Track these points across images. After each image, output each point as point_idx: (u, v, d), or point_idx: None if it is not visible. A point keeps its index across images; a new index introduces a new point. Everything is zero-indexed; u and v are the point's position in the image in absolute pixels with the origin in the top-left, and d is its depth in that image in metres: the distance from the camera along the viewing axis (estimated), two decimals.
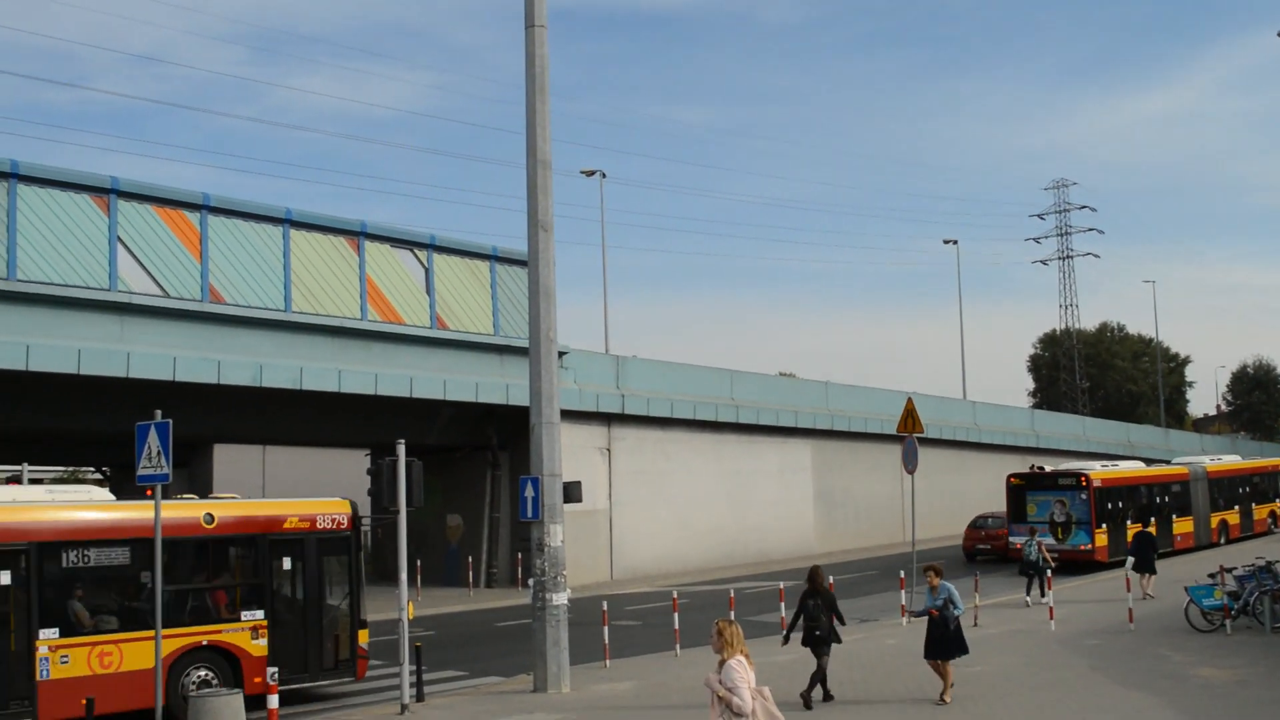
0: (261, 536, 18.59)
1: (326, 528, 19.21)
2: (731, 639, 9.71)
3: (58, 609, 16.28)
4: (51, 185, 26.50)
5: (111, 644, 16.56)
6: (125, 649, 16.60)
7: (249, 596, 18.37)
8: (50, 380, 27.38)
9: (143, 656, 16.38)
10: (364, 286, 31.86)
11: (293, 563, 18.90)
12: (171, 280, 28.02)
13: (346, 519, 19.54)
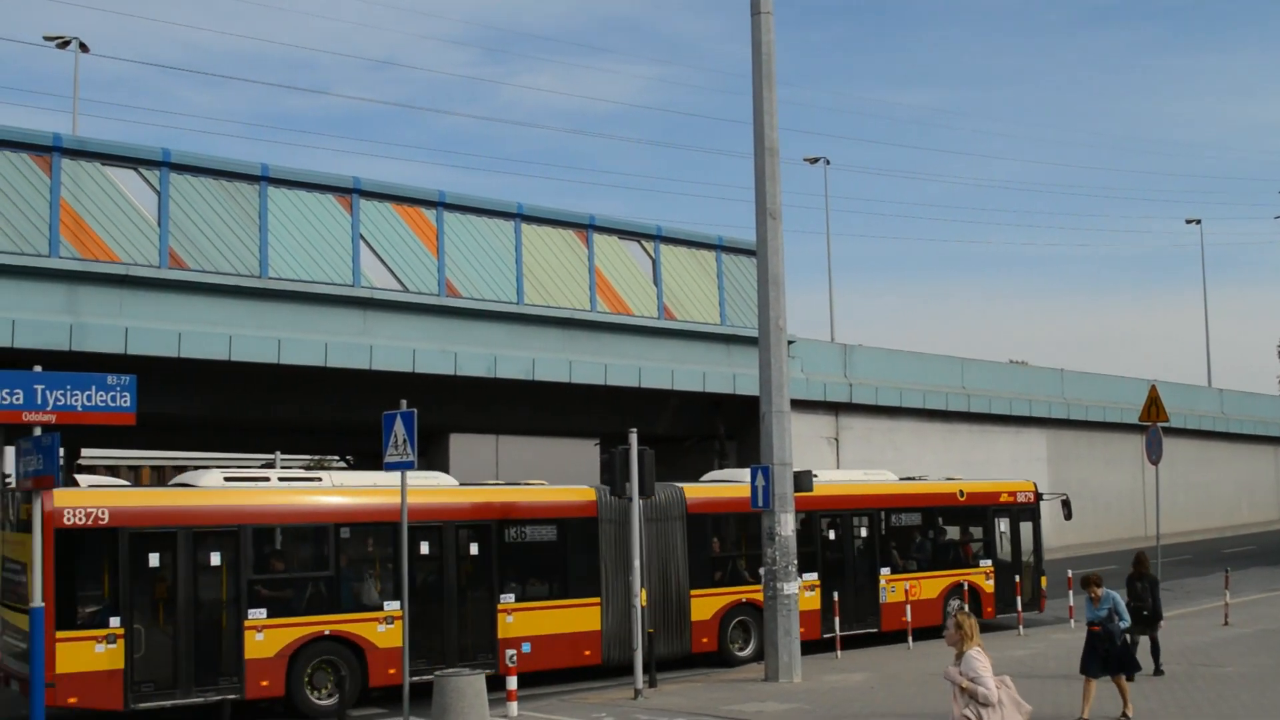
0: (990, 506, 25.04)
1: (1023, 501, 25.47)
2: (970, 631, 9.60)
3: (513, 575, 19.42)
4: (298, 187, 27.80)
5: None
6: None
7: (982, 550, 24.87)
8: (299, 373, 28.71)
9: None
10: (593, 278, 32.36)
11: (1008, 525, 25.17)
12: (410, 275, 29.02)
13: (1032, 494, 25.71)
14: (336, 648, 17.35)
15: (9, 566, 16.75)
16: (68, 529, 15.48)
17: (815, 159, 56.64)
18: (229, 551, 16.75)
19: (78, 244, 25.10)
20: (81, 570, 16.03)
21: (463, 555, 18.88)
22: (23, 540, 15.46)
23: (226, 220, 26.74)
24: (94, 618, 15.84)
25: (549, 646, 19.30)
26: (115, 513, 15.98)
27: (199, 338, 26.19)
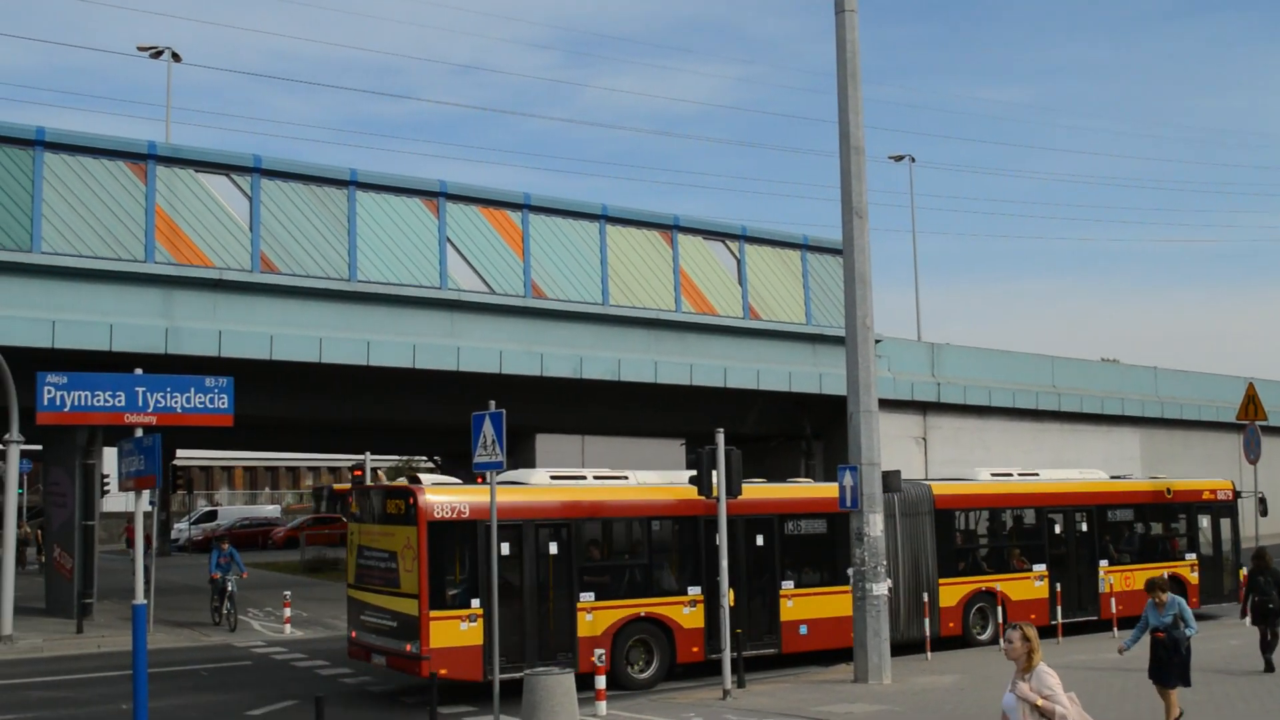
0: (1193, 504, 26.25)
1: (1223, 498, 26.77)
2: (1037, 644, 9.04)
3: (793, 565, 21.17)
4: (386, 191, 28.15)
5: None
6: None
7: (1186, 544, 26.08)
8: (388, 374, 29.06)
9: None
10: (678, 279, 32.36)
11: (1209, 520, 26.48)
12: (496, 277, 29.24)
13: (1230, 492, 26.96)
14: (650, 628, 19.43)
15: (367, 554, 18.82)
16: (437, 521, 17.53)
17: (900, 157, 56.22)
18: (563, 541, 18.76)
19: (172, 249, 25.61)
20: (448, 558, 17.92)
21: (750, 546, 20.65)
22: (388, 531, 18.05)
23: (316, 224, 27.15)
24: (458, 599, 17.74)
25: (821, 629, 21.17)
26: (474, 507, 17.83)
27: (290, 340, 26.61)
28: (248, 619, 28.77)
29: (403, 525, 17.68)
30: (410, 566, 17.43)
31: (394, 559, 17.87)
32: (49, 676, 21.27)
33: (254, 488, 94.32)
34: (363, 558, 19.04)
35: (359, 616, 19.01)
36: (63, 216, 24.65)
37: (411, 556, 17.38)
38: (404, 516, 17.70)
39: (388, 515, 18.30)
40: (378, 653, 18.22)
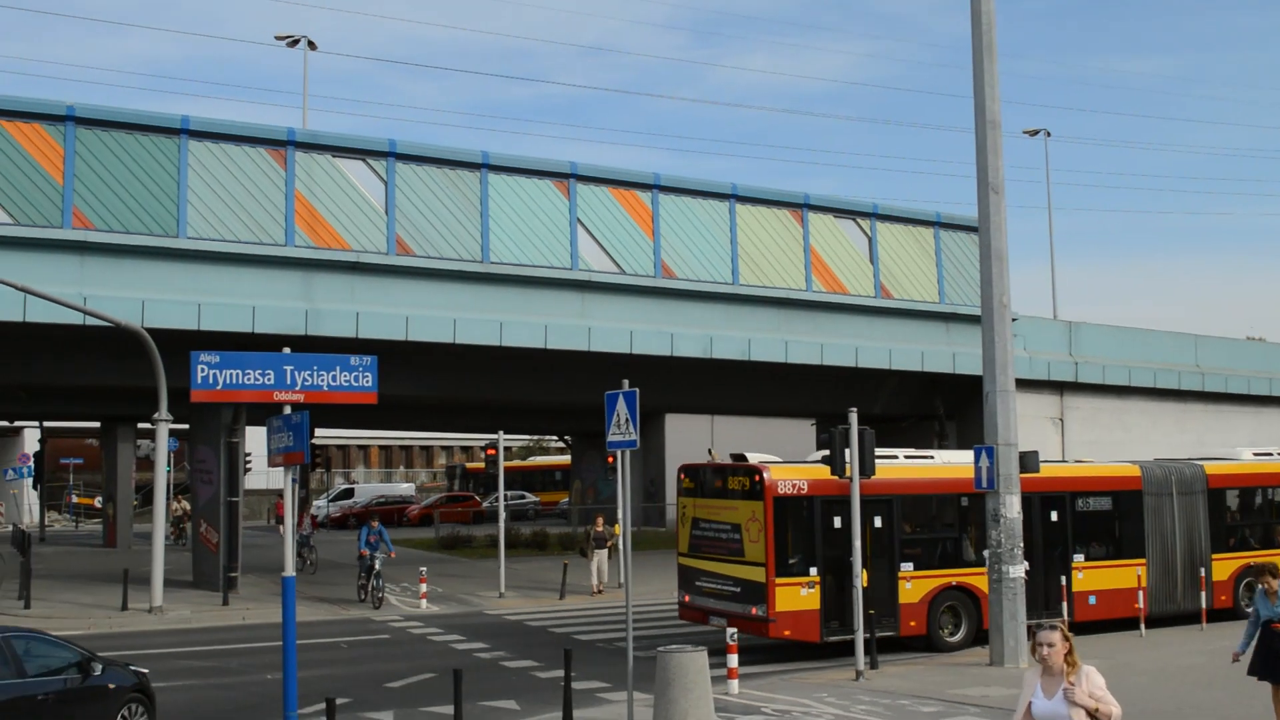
0: None
1: None
2: (1074, 643, 8.13)
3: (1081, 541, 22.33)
4: (518, 173, 28.43)
5: None
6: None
7: None
8: (520, 354, 29.40)
9: None
10: (808, 257, 32.14)
11: None
12: (627, 258, 29.36)
13: None
14: (960, 596, 20.93)
15: (704, 526, 20.76)
16: (781, 497, 19.41)
17: (1035, 131, 54.98)
18: (886, 516, 20.40)
19: (311, 233, 26.21)
20: (789, 529, 19.60)
21: (1045, 521, 21.92)
22: (731, 505, 19.93)
23: (450, 207, 27.54)
24: (798, 567, 19.52)
25: (1108, 599, 22.22)
26: (811, 484, 19.69)
27: (425, 321, 27.06)
28: (384, 594, 29.38)
29: (748, 500, 19.56)
30: (756, 537, 19.35)
31: (737, 530, 19.76)
32: (197, 647, 22.01)
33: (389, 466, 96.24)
34: (698, 529, 20.98)
35: (693, 583, 20.94)
36: (206, 202, 25.38)
37: (757, 528, 19.30)
38: (749, 492, 19.59)
39: (730, 491, 20.18)
40: (717, 615, 20.01)
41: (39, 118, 24.39)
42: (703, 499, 21.00)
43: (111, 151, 24.77)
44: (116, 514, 46.99)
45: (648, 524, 52.78)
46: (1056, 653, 7.97)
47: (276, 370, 11.96)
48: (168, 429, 26.57)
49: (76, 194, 24.35)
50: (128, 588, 26.59)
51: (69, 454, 64.45)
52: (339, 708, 12.46)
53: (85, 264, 24.51)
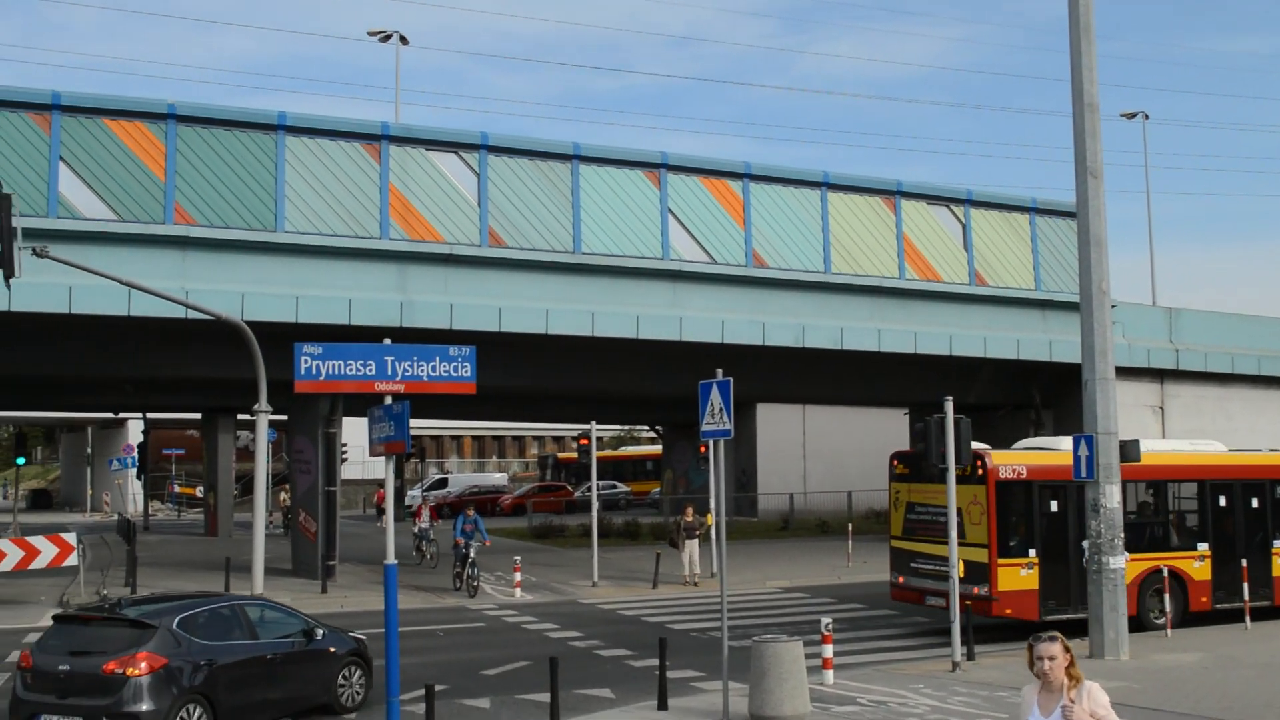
0: None
1: None
2: (1074, 656, 7.34)
3: None
4: (608, 164, 28.51)
5: None
6: None
7: None
8: (611, 344, 29.50)
9: None
10: (901, 245, 31.85)
11: None
12: (718, 247, 29.33)
13: None
14: (1167, 579, 21.22)
15: (920, 510, 21.49)
16: (1003, 481, 20.24)
17: (1133, 114, 53.87)
18: None
19: (406, 225, 26.51)
20: (1009, 512, 20.43)
21: (1246, 507, 22.67)
22: (940, 490, 19.07)
23: (542, 199, 27.70)
24: (1018, 549, 20.29)
25: None
26: (1031, 469, 20.60)
27: (518, 312, 27.25)
28: (478, 583, 29.66)
29: (969, 484, 19.83)
30: (978, 520, 20.13)
31: (958, 514, 19.59)
32: None
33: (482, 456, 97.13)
34: (913, 513, 21.79)
35: (908, 565, 21.72)
36: (303, 196, 25.79)
37: (979, 511, 20.10)
38: (971, 477, 19.86)
39: (933, 473, 20.00)
40: (934, 595, 20.68)
41: (141, 116, 24.95)
42: (918, 484, 21.56)
43: (211, 148, 25.27)
44: (217, 503, 47.99)
45: (739, 514, 52.68)
46: (1057, 666, 7.19)
47: (377, 361, 12.15)
48: (267, 420, 27.01)
49: (178, 190, 24.88)
50: (229, 575, 27.12)
51: (171, 445, 65.97)
52: (437, 694, 12.62)
53: (187, 259, 25.03)
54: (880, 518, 50.45)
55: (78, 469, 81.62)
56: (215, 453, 48.74)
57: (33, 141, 24.10)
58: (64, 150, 24.24)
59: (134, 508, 60.64)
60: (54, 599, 27.28)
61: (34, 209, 23.32)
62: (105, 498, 71.60)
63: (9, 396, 47.92)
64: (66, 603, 26.37)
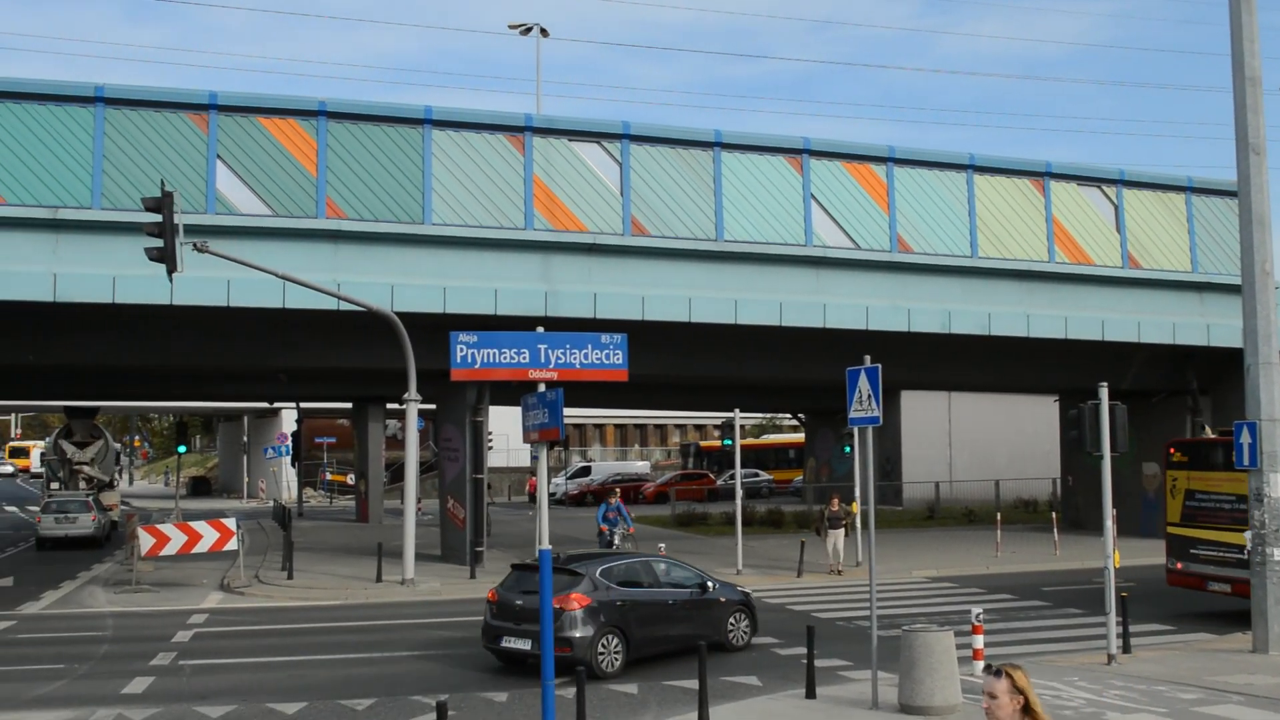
0: None
1: None
2: (1032, 694, 5.97)
3: None
4: (750, 150, 28.41)
5: None
6: None
7: None
8: (754, 332, 29.41)
9: None
10: (1050, 228, 31.13)
11: None
12: (861, 233, 29.02)
13: None
14: None
15: (1200, 497, 21.70)
16: None
17: None
18: None
19: (549, 216, 26.77)
20: None
21: None
22: (1235, 478, 19.93)
23: (684, 186, 27.72)
24: None
25: None
26: None
27: (661, 300, 27.33)
28: None
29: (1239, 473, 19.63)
30: None
31: (1242, 500, 19.62)
32: (447, 618, 22.80)
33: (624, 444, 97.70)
34: (1193, 500, 21.98)
35: (1187, 551, 21.96)
36: (450, 189, 26.21)
37: None
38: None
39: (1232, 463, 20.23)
40: (1217, 581, 21.12)
41: (294, 114, 25.62)
42: (1198, 471, 21.85)
43: (360, 143, 25.82)
44: (368, 490, 49.15)
45: (883, 503, 52.18)
46: (998, 707, 5.94)
47: (531, 349, 12.32)
48: (416, 409, 27.56)
49: (329, 185, 25.49)
50: (381, 560, 27.76)
51: (323, 433, 67.72)
52: (586, 679, 12.75)
53: (338, 252, 25.63)
54: (1029, 507, 49.57)
55: (235, 457, 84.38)
56: (365, 441, 49.91)
57: (191, 141, 24.91)
58: (221, 148, 25.01)
59: (288, 494, 62.47)
60: (215, 582, 28.28)
61: (193, 206, 24.11)
62: (261, 485, 73.90)
63: (170, 388, 49.75)
64: (228, 586, 27.31)
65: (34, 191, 23.88)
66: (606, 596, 17.08)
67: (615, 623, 16.95)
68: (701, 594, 18.55)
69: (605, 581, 17.30)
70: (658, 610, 17.83)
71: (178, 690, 16.21)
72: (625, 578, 17.79)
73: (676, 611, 18.13)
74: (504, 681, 16.54)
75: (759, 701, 15.02)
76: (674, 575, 18.73)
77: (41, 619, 23.72)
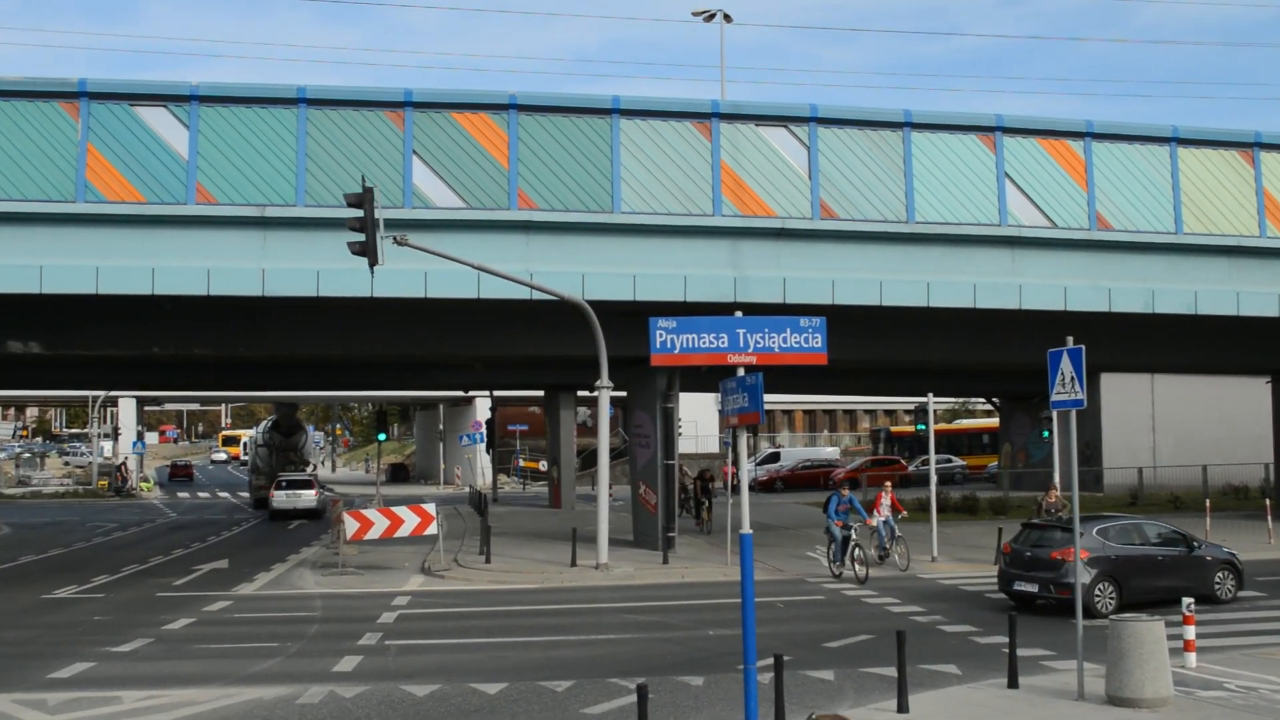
0: None
1: None
2: None
3: None
4: (941, 130, 27.84)
5: None
6: None
7: None
8: (946, 315, 28.91)
9: None
10: (1261, 200, 29.65)
11: None
12: (1059, 211, 28.18)
13: None
14: None
15: None
16: None
17: None
18: None
19: (738, 201, 26.73)
20: None
21: None
22: None
23: (873, 168, 27.35)
24: None
25: None
26: None
27: (851, 284, 27.05)
28: (816, 556, 29.69)
29: None
30: None
31: None
32: (640, 602, 23.04)
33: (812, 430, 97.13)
34: None
35: None
36: (638, 177, 26.38)
37: None
38: None
39: None
40: None
41: (485, 108, 26.13)
42: None
43: (550, 135, 26.20)
44: (560, 477, 49.92)
45: (1082, 489, 50.60)
46: None
47: (730, 333, 12.35)
48: (608, 395, 27.87)
49: (520, 177, 25.93)
50: (576, 545, 28.19)
51: (515, 420, 69.05)
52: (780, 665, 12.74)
53: (530, 242, 26.08)
54: (1240, 494, 47.49)
55: (431, 444, 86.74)
56: (557, 428, 50.69)
57: (388, 137, 25.63)
58: (416, 144, 25.67)
59: (483, 481, 63.89)
60: (416, 565, 29.12)
61: (391, 201, 24.81)
62: (457, 471, 75.81)
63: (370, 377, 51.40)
64: (428, 569, 28.10)
65: (243, 191, 24.90)
66: (1102, 551, 20.54)
67: (1110, 573, 20.41)
68: (1189, 552, 21.57)
69: (1100, 539, 20.73)
70: (1147, 564, 20.97)
71: (384, 669, 16.75)
72: (1119, 537, 21.10)
73: (1165, 566, 21.15)
74: (700, 666, 16.63)
75: (959, 690, 14.78)
76: (1163, 536, 21.70)
77: (255, 599, 24.80)
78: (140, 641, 19.27)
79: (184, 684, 15.84)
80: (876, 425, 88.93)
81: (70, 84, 24.63)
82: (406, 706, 14.39)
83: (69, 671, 16.81)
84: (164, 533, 43.09)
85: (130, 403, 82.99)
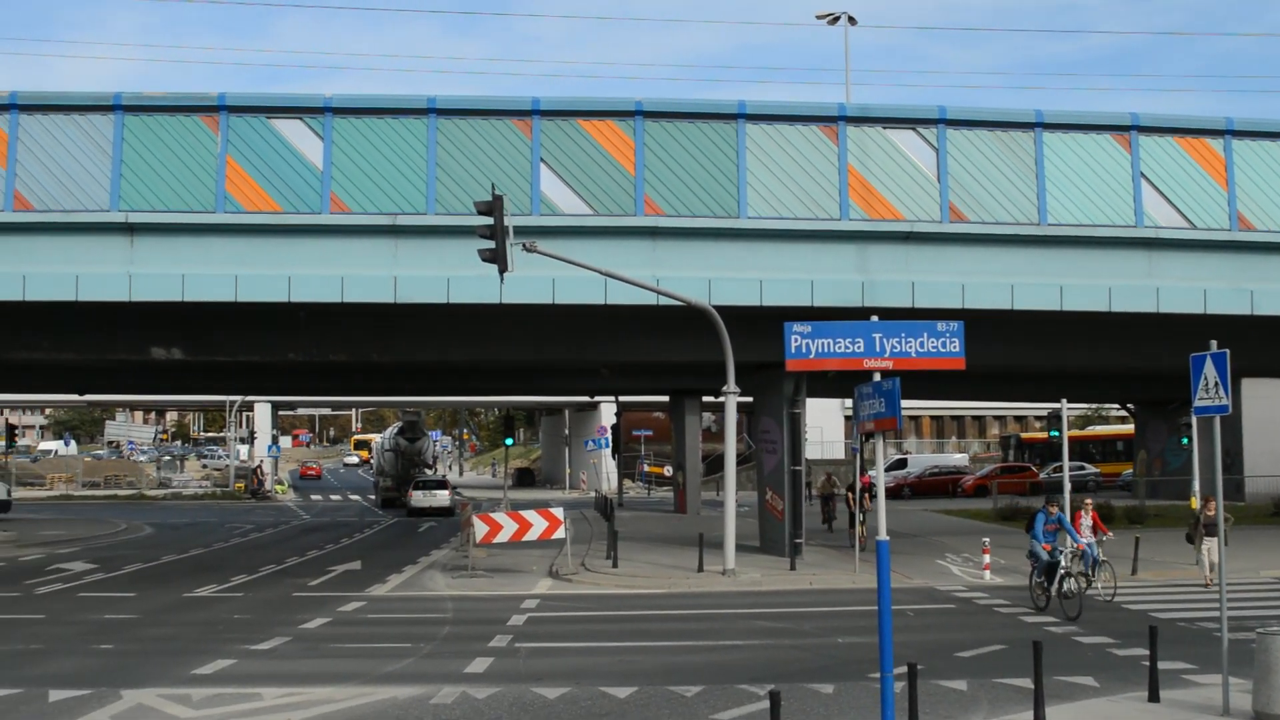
0: None
1: None
2: None
3: None
4: (1073, 129, 27.29)
5: None
6: None
7: None
8: (1077, 319, 28.32)
9: None
10: None
11: None
12: (1197, 211, 27.42)
13: None
14: None
15: None
16: None
17: None
18: None
19: (865, 205, 26.49)
20: None
21: None
22: None
23: (1003, 170, 26.90)
24: None
25: None
26: None
27: (981, 288, 26.64)
28: (945, 564, 29.28)
29: None
30: None
31: None
32: (768, 609, 22.94)
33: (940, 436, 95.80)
34: None
35: None
36: (764, 182, 26.31)
37: None
38: None
39: None
40: None
41: (611, 115, 26.30)
42: None
43: (676, 140, 26.26)
44: (685, 482, 49.96)
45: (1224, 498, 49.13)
46: None
47: (866, 338, 12.29)
48: (735, 401, 27.82)
49: (646, 183, 26.04)
50: (703, 551, 28.17)
51: (640, 426, 69.36)
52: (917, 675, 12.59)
53: (656, 248, 26.18)
54: None
55: (557, 449, 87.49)
56: (682, 433, 50.75)
57: (516, 146, 25.94)
58: (544, 151, 25.93)
59: (608, 485, 64.23)
60: (544, 569, 29.39)
61: (519, 208, 25.09)
62: (582, 476, 76.32)
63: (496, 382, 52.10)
64: (556, 573, 28.34)
65: (375, 200, 25.41)
66: None
67: None
68: None
69: None
70: None
71: (515, 671, 16.92)
72: None
73: None
74: (830, 674, 16.50)
75: (1098, 703, 14.45)
76: None
77: (388, 601, 25.24)
78: (278, 640, 19.75)
79: (321, 682, 16.18)
80: (1006, 431, 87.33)
81: (210, 98, 25.40)
82: (538, 709, 14.51)
83: (211, 668, 17.29)
84: (298, 534, 44.14)
85: (265, 407, 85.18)
